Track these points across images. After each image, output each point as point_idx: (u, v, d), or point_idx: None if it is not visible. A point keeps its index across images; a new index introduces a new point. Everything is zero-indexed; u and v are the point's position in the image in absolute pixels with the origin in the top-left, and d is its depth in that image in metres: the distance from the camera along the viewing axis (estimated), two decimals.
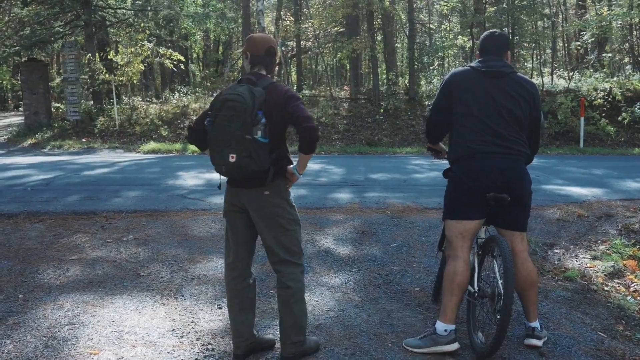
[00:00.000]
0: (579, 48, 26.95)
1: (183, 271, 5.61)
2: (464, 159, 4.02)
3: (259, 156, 3.58)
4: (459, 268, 3.99)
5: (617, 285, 5.44)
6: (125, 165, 13.46)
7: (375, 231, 6.83)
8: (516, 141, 4.01)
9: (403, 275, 5.53)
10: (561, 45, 31.55)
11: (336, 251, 6.20)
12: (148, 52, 21.64)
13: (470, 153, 3.99)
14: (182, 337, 4.22)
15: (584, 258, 6.11)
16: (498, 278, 3.95)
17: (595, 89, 20.56)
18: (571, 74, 24.51)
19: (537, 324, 4.13)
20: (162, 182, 10.32)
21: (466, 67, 4.19)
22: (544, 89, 22.20)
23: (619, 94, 19.58)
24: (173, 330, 4.34)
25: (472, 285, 4.10)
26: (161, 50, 22.67)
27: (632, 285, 5.43)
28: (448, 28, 30.76)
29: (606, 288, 5.33)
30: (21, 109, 25.34)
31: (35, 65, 22.61)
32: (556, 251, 6.32)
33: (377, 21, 24.53)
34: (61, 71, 28.21)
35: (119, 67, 20.97)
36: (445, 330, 3.94)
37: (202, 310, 4.73)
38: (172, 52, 22.63)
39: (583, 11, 27.60)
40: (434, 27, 31.01)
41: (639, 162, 14.20)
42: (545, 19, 25.96)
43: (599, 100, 19.70)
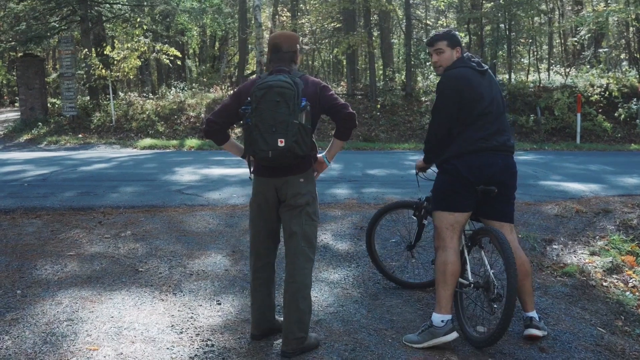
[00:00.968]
0: (576, 44, 26.98)
1: (181, 267, 5.59)
2: (468, 155, 4.06)
3: (305, 142, 3.65)
4: (450, 257, 4.06)
5: (616, 280, 5.45)
6: (122, 160, 13.43)
7: None
8: (507, 136, 4.17)
9: (402, 270, 5.53)
10: (558, 41, 31.57)
11: (335, 247, 6.20)
12: (144, 48, 21.60)
13: (477, 149, 4.05)
14: (182, 333, 4.21)
15: (583, 254, 6.11)
16: (488, 267, 4.04)
17: (591, 85, 20.59)
18: (568, 70, 24.55)
19: (535, 314, 4.16)
20: (159, 178, 10.30)
21: (463, 67, 4.17)
22: (541, 85, 22.22)
23: (616, 90, 19.61)
24: (172, 326, 4.33)
25: (465, 277, 4.15)
26: (157, 45, 22.62)
27: (631, 280, 5.44)
28: (445, 24, 30.74)
29: (605, 284, 5.34)
30: (17, 105, 25.25)
31: (31, 60, 22.54)
32: (555, 247, 6.32)
33: (374, 17, 24.50)
34: (57, 67, 28.19)
35: (115, 63, 20.92)
36: (442, 321, 3.96)
37: (201, 306, 4.71)
38: (169, 48, 22.57)
39: (579, 7, 27.63)
40: (431, 23, 30.93)
41: (636, 158, 14.22)
42: (541, 15, 25.96)
43: (596, 96, 19.74)
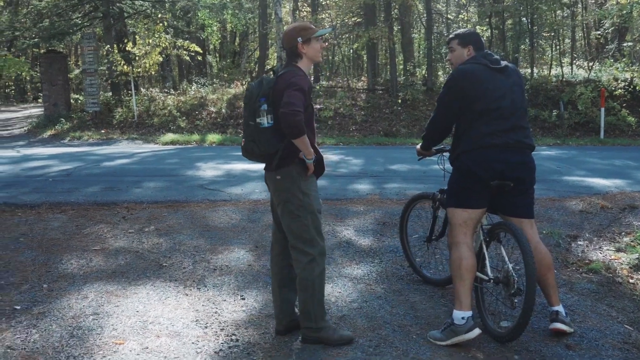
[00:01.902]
0: (599, 37, 26.65)
1: (205, 262, 5.62)
2: (477, 151, 4.05)
3: (261, 141, 3.80)
4: (464, 253, 4.06)
5: None
6: (144, 156, 13.52)
7: (396, 222, 6.79)
8: (527, 133, 4.15)
9: (425, 266, 5.50)
10: (581, 34, 31.23)
11: (357, 242, 6.19)
12: (165, 44, 21.69)
13: (485, 145, 4.04)
14: (206, 328, 4.23)
15: (608, 250, 6.04)
16: (508, 262, 4.02)
17: (615, 79, 20.33)
18: (591, 64, 24.24)
19: (561, 308, 4.13)
20: (182, 173, 10.35)
21: (472, 64, 4.20)
22: (564, 79, 21.98)
23: None
24: (197, 320, 4.35)
25: (484, 272, 4.13)
26: (178, 41, 22.71)
27: None
28: (466, 18, 30.51)
29: (631, 280, 5.27)
30: (40, 101, 25.51)
31: (54, 56, 22.75)
32: (580, 243, 6.25)
33: (395, 11, 24.38)
34: (80, 63, 28.43)
35: (137, 59, 21.03)
36: (462, 318, 3.93)
37: (225, 300, 4.73)
38: (189, 44, 22.65)
39: (603, 0, 27.26)
40: (452, 17, 30.75)
41: None
42: (564, 8, 25.65)
43: (620, 90, 19.49)
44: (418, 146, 4.84)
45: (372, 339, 4.04)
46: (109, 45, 21.52)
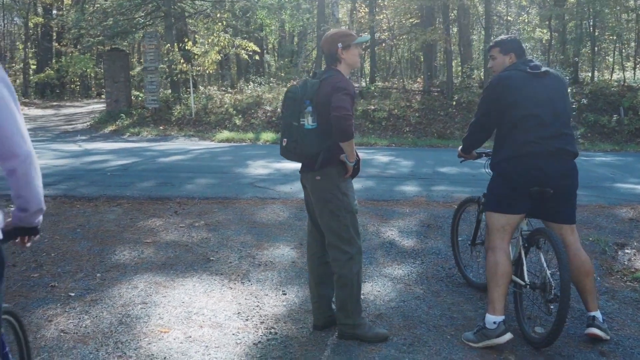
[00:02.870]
0: None
1: (250, 257, 5.80)
2: (517, 158, 4.08)
3: (304, 142, 3.91)
4: (500, 258, 4.09)
5: None
6: (199, 153, 13.86)
7: (441, 225, 6.85)
8: (570, 140, 4.12)
9: (466, 269, 5.54)
10: None
11: (401, 243, 6.27)
12: (224, 43, 22.07)
13: (523, 153, 4.05)
14: (247, 320, 4.39)
15: None
16: (546, 268, 4.03)
17: None
18: None
19: (598, 314, 4.13)
20: (233, 171, 10.61)
21: (512, 70, 4.24)
22: (625, 84, 21.45)
23: None
24: (239, 313, 4.52)
25: (522, 277, 4.16)
26: (237, 40, 23.08)
27: None
28: (526, 20, 30.06)
29: None
30: (103, 97, 26.29)
31: (117, 54, 23.43)
32: (627, 251, 6.18)
33: (453, 13, 24.22)
34: (141, 60, 29.15)
35: (196, 57, 21.48)
36: (494, 322, 3.97)
37: (267, 295, 4.89)
38: (248, 43, 22.99)
39: None
40: (512, 19, 30.33)
41: None
42: (629, 12, 25.01)
43: None
44: (459, 148, 4.90)
45: (407, 338, 4.13)
46: (170, 43, 22.05)
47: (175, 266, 5.54)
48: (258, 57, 26.84)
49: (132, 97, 24.11)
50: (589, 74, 22.85)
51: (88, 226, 6.74)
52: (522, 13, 32.02)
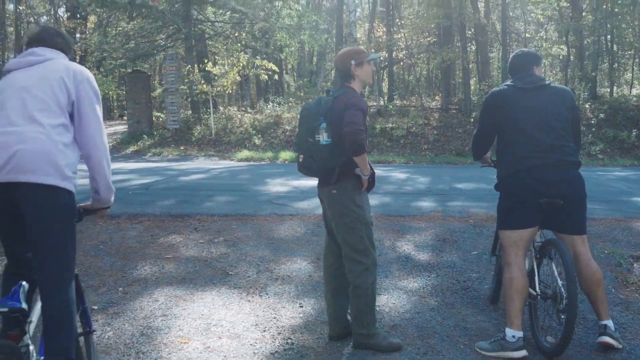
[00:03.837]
0: None
1: (268, 271, 5.91)
2: (515, 175, 4.16)
3: (320, 157, 4.04)
4: (514, 274, 4.14)
5: None
6: (218, 172, 14.06)
7: (456, 239, 6.93)
8: (568, 151, 4.13)
9: (481, 282, 5.62)
10: None
11: (416, 257, 6.35)
12: (244, 63, 22.38)
13: (521, 168, 4.12)
14: (265, 332, 4.50)
15: None
16: (557, 278, 4.06)
17: None
18: None
19: (610, 322, 4.16)
20: (252, 188, 10.76)
21: (504, 87, 4.34)
22: None
23: None
24: (256, 324, 4.63)
25: (534, 288, 4.21)
26: (256, 61, 23.39)
27: None
28: (544, 37, 30.09)
29: None
30: (125, 118, 26.70)
31: (138, 76, 23.83)
32: None
33: (470, 31, 24.35)
34: (162, 82, 29.58)
35: (216, 78, 21.80)
36: (513, 336, 4.03)
37: (284, 307, 5.00)
38: (267, 63, 23.29)
39: None
40: (529, 36, 30.37)
41: None
42: None
43: None
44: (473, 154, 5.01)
45: (420, 347, 4.21)
46: (190, 65, 22.41)
47: (194, 280, 5.67)
48: (277, 77, 27.16)
49: (154, 118, 24.48)
50: (608, 90, 22.79)
51: (110, 243, 6.91)
52: (540, 30, 32.05)
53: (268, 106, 23.96)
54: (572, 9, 23.40)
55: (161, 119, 24.70)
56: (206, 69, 21.86)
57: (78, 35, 37.80)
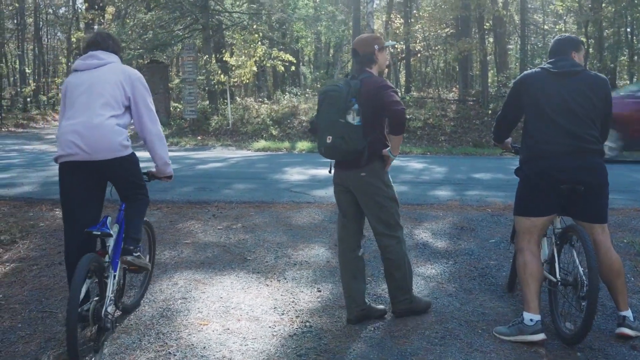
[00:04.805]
0: None
1: (286, 257, 5.95)
2: (535, 160, 4.14)
3: (351, 138, 4.07)
4: (527, 258, 4.17)
5: None
6: (236, 161, 14.11)
7: (474, 227, 6.92)
8: (588, 139, 4.05)
9: (499, 269, 5.61)
10: None
11: (434, 244, 6.35)
12: (261, 54, 22.42)
13: (541, 154, 4.10)
14: (283, 315, 4.54)
15: None
16: (578, 265, 4.05)
17: None
18: None
19: (629, 313, 4.15)
20: (270, 177, 10.80)
21: (537, 69, 4.30)
22: None
23: None
24: (275, 308, 4.67)
25: (554, 274, 4.20)
26: (273, 52, 23.42)
27: None
28: (563, 29, 29.84)
29: None
30: None
31: (156, 66, 23.95)
32: None
33: (489, 22, 24.21)
34: (180, 72, 29.68)
35: (233, 69, 21.86)
36: (531, 320, 4.03)
37: (302, 292, 5.03)
38: (284, 54, 23.31)
39: None
40: (548, 28, 30.14)
41: None
42: None
43: None
44: (493, 138, 5.03)
45: (438, 331, 4.23)
46: (208, 55, 22.48)
47: (213, 265, 5.72)
48: (294, 69, 27.17)
49: (171, 108, 24.59)
50: (627, 82, 22.59)
51: None
52: (559, 22, 31.78)
53: (285, 97, 23.99)
54: (592, 1, 23.19)
55: (179, 109, 24.81)
56: (223, 60, 21.91)
57: (96, 26, 38.04)
